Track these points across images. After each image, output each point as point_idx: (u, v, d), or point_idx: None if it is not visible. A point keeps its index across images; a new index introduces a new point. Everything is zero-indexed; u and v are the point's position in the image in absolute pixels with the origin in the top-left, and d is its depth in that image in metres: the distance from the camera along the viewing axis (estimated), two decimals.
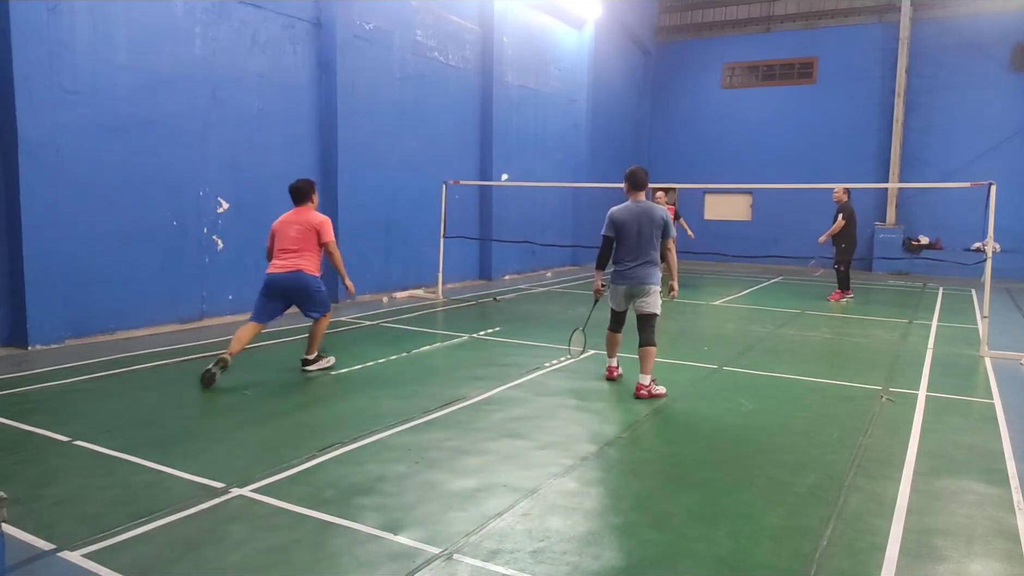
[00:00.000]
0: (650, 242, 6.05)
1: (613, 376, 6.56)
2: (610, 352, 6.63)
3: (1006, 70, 17.17)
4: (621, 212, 6.11)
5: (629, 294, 6.18)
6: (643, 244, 6.04)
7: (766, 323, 10.10)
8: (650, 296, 6.08)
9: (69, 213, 7.63)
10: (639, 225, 6.01)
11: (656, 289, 6.11)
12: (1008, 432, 5.32)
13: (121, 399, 5.79)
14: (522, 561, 3.27)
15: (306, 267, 6.51)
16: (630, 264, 6.08)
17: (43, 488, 3.99)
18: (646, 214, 6.04)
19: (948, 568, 3.32)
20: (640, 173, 6.17)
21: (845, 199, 12.37)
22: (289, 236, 6.53)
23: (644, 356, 6.04)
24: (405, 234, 12.43)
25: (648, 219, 6.03)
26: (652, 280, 6.09)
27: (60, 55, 7.46)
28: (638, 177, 6.14)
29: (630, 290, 6.14)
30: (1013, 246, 16.16)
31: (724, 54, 20.63)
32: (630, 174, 6.16)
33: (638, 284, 6.08)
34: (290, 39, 10.13)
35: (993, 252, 8.26)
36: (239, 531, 3.52)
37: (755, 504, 3.97)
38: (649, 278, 6.08)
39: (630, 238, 6.05)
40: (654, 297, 6.10)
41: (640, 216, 6.03)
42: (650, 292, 6.08)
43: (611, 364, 6.62)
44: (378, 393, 6.08)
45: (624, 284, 6.16)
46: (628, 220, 6.04)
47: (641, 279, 6.06)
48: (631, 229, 6.03)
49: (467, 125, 14.03)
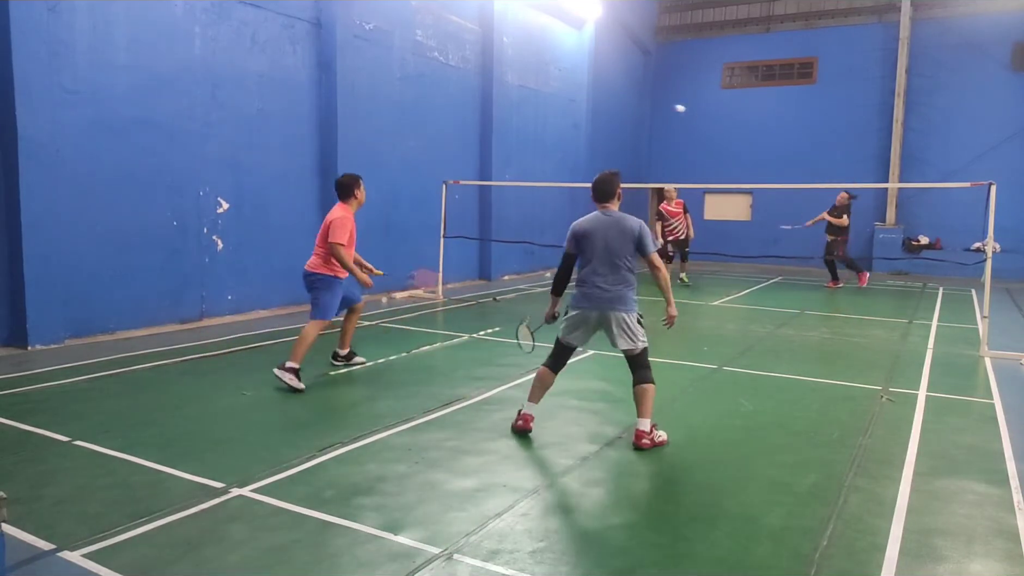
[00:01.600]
0: (622, 260, 4.93)
1: (528, 427, 5.10)
2: (533, 394, 5.18)
3: (1006, 70, 17.16)
4: (586, 224, 5.05)
5: (597, 323, 4.98)
6: (614, 262, 4.92)
7: (766, 323, 10.10)
8: (628, 328, 4.90)
9: (69, 213, 7.63)
10: (607, 240, 4.93)
11: (634, 318, 4.94)
12: (1008, 432, 5.32)
13: (121, 399, 5.79)
14: (522, 561, 3.27)
15: (313, 264, 6.39)
16: (599, 286, 4.93)
17: (43, 488, 3.99)
18: (616, 226, 4.95)
19: (948, 568, 3.32)
20: (607, 180, 5.10)
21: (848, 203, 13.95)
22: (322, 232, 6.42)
23: (641, 397, 4.92)
24: (405, 234, 12.43)
25: (618, 232, 4.92)
26: (627, 307, 4.92)
27: (60, 55, 7.46)
28: (605, 185, 5.08)
29: (600, 318, 4.94)
30: (1013, 246, 16.14)
31: (724, 54, 20.62)
32: (596, 182, 5.12)
33: (609, 310, 4.90)
34: (290, 39, 10.13)
35: (993, 252, 8.26)
36: (239, 531, 3.52)
37: (755, 504, 3.97)
38: (623, 304, 4.91)
39: (596, 254, 4.96)
40: (634, 329, 4.91)
41: (609, 229, 4.94)
42: (626, 323, 4.89)
43: (527, 411, 5.15)
44: (378, 393, 6.08)
45: (591, 310, 4.95)
46: (594, 233, 4.97)
47: (612, 304, 4.90)
48: (597, 244, 4.95)
49: (467, 125, 14.03)
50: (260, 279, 9.86)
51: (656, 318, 5.41)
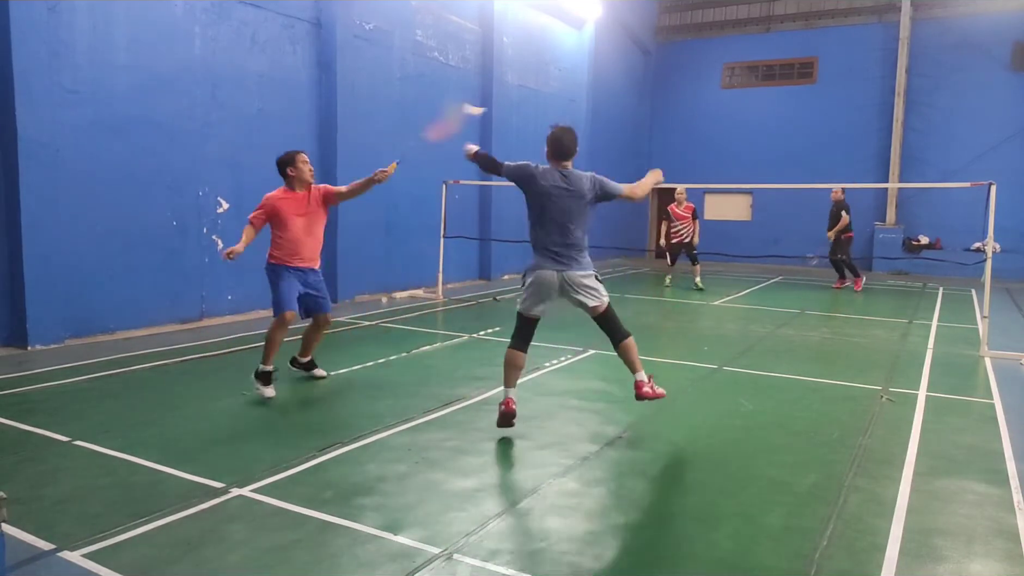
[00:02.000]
0: (582, 220, 4.78)
1: (512, 408, 4.91)
2: (509, 378, 4.96)
3: (1006, 70, 17.16)
4: (544, 174, 4.78)
5: (560, 288, 4.80)
6: (568, 224, 4.74)
7: (766, 323, 10.10)
8: (591, 287, 4.81)
9: (69, 213, 7.63)
10: (569, 199, 4.73)
11: (595, 276, 4.87)
12: (1008, 432, 5.32)
13: (121, 399, 5.79)
14: (522, 561, 3.27)
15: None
16: (555, 250, 4.76)
17: (43, 488, 3.99)
18: (575, 185, 4.75)
19: (948, 568, 3.32)
20: (567, 137, 4.83)
21: (843, 197, 13.80)
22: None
23: (626, 352, 4.93)
24: (405, 234, 12.43)
25: (578, 192, 4.75)
26: (585, 267, 4.82)
27: (60, 55, 7.46)
28: (564, 142, 4.81)
29: (563, 281, 4.75)
30: (1013, 246, 16.14)
31: (724, 54, 20.62)
32: (555, 138, 4.83)
33: (569, 271, 4.75)
34: (290, 39, 10.13)
35: (993, 252, 8.26)
36: (239, 531, 3.51)
37: (755, 504, 3.97)
38: (581, 265, 4.80)
39: (556, 212, 4.72)
40: (596, 286, 4.84)
41: (569, 187, 4.75)
42: (585, 284, 4.78)
43: (509, 395, 4.94)
44: (378, 393, 6.08)
45: (554, 270, 4.74)
46: (552, 188, 4.73)
47: (571, 266, 4.75)
48: (557, 200, 4.72)
49: (467, 125, 13.95)
50: (260, 279, 9.76)
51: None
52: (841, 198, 13.73)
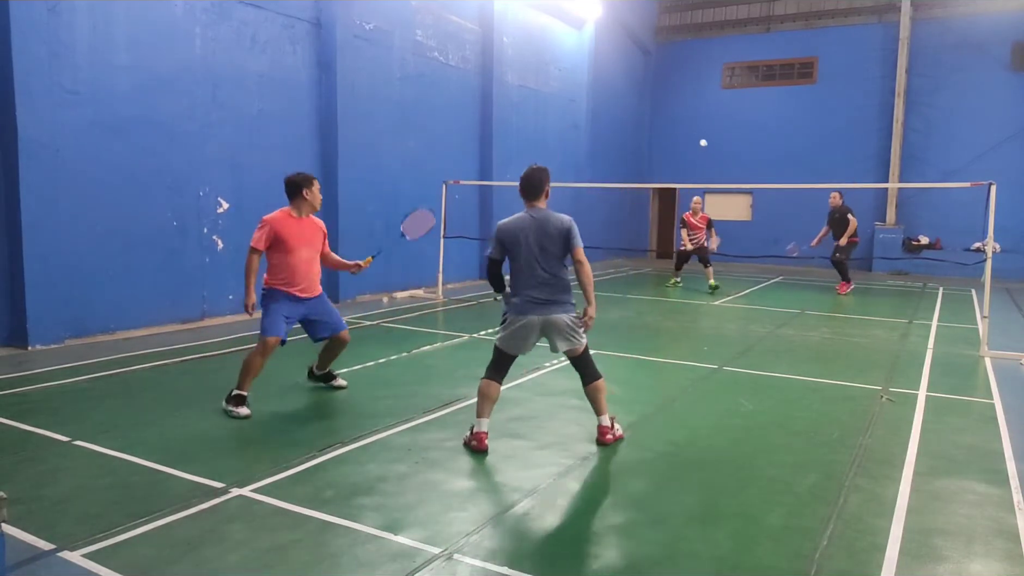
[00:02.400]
0: (557, 260, 4.72)
1: (483, 446, 4.72)
2: (482, 410, 4.79)
3: (1006, 70, 17.16)
4: (511, 225, 4.76)
5: (540, 330, 4.75)
6: (549, 263, 4.69)
7: (766, 323, 10.10)
8: (570, 330, 4.74)
9: (69, 213, 7.63)
10: (537, 241, 4.67)
11: (574, 318, 4.77)
12: (1008, 432, 5.32)
13: (121, 399, 5.79)
14: (522, 561, 3.27)
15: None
16: (534, 293, 4.70)
17: (43, 488, 3.99)
18: (544, 227, 4.69)
19: (948, 568, 3.32)
20: (535, 176, 4.80)
21: (842, 201, 13.49)
22: None
23: (595, 395, 4.90)
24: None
25: (544, 233, 4.67)
26: (566, 309, 4.75)
27: (60, 55, 7.46)
28: (533, 182, 4.78)
29: (545, 324, 4.71)
30: (1013, 246, 16.15)
31: (724, 54, 20.62)
32: (524, 178, 4.83)
33: (550, 314, 4.69)
34: (290, 39, 10.13)
35: (993, 252, 8.26)
36: (239, 531, 3.52)
37: (755, 504, 3.97)
38: (562, 307, 4.73)
39: (527, 258, 4.69)
40: (576, 329, 4.77)
41: (538, 229, 4.68)
42: (568, 326, 4.73)
43: (481, 430, 4.76)
44: (378, 393, 6.08)
45: (534, 315, 4.69)
46: (521, 235, 4.70)
47: (552, 308, 4.70)
48: (528, 246, 4.68)
49: (467, 125, 14.03)
50: (260, 279, 9.84)
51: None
52: (840, 203, 13.41)
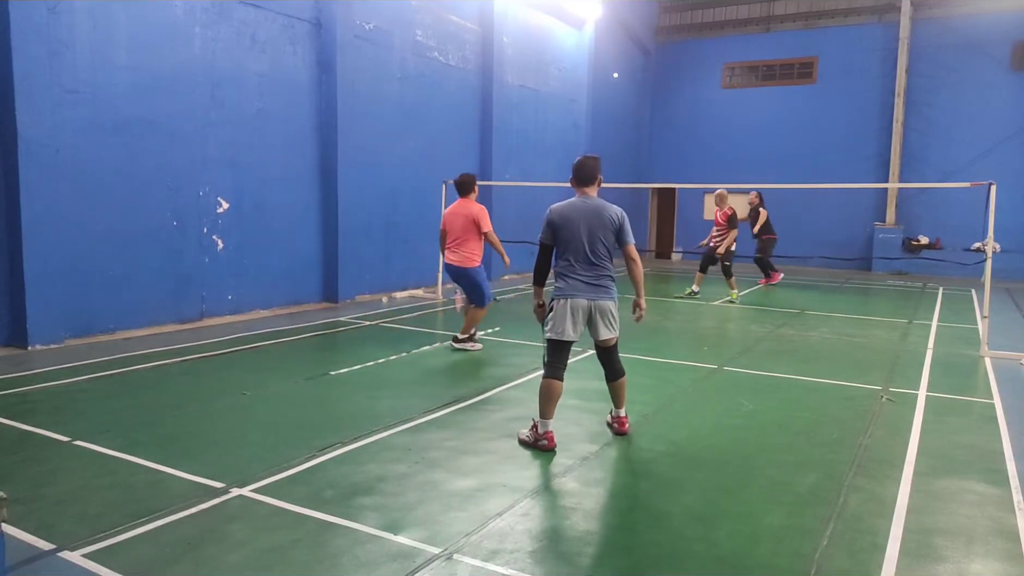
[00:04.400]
0: (604, 248, 4.80)
1: (554, 444, 4.79)
2: (548, 410, 4.81)
3: (1006, 70, 17.16)
4: (564, 208, 4.85)
5: (588, 314, 4.78)
6: (596, 250, 4.77)
7: (766, 323, 10.10)
8: (612, 318, 4.84)
9: (69, 213, 7.63)
10: (589, 227, 4.76)
11: (616, 308, 4.89)
12: (1008, 432, 5.32)
13: (121, 399, 5.79)
14: (522, 561, 3.27)
15: (470, 258, 7.61)
16: (581, 277, 4.78)
17: (43, 488, 3.99)
18: (597, 214, 4.79)
19: (948, 568, 3.32)
20: (588, 164, 4.93)
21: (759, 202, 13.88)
22: (456, 227, 7.61)
23: (619, 389, 5.07)
24: (405, 234, 12.43)
25: (599, 220, 4.77)
26: (612, 296, 4.85)
27: (60, 55, 7.46)
28: (585, 169, 4.91)
29: (593, 308, 4.76)
30: (1013, 246, 16.16)
31: (724, 54, 20.62)
32: (577, 165, 4.95)
33: (596, 299, 4.77)
34: (290, 39, 10.13)
35: (993, 252, 8.26)
36: (239, 531, 3.52)
37: (755, 504, 3.97)
38: (608, 293, 4.83)
39: (576, 243, 4.77)
40: (617, 317, 4.88)
41: (591, 215, 4.78)
42: (611, 313, 4.82)
43: (549, 429, 4.81)
44: (378, 393, 6.08)
45: (583, 298, 4.75)
46: (573, 219, 4.79)
47: (599, 294, 4.78)
48: (580, 230, 4.76)
49: (467, 125, 14.03)
50: (260, 279, 9.86)
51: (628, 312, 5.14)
52: (757, 203, 13.86)
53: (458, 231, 7.59)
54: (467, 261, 7.61)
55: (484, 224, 7.60)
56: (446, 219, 7.75)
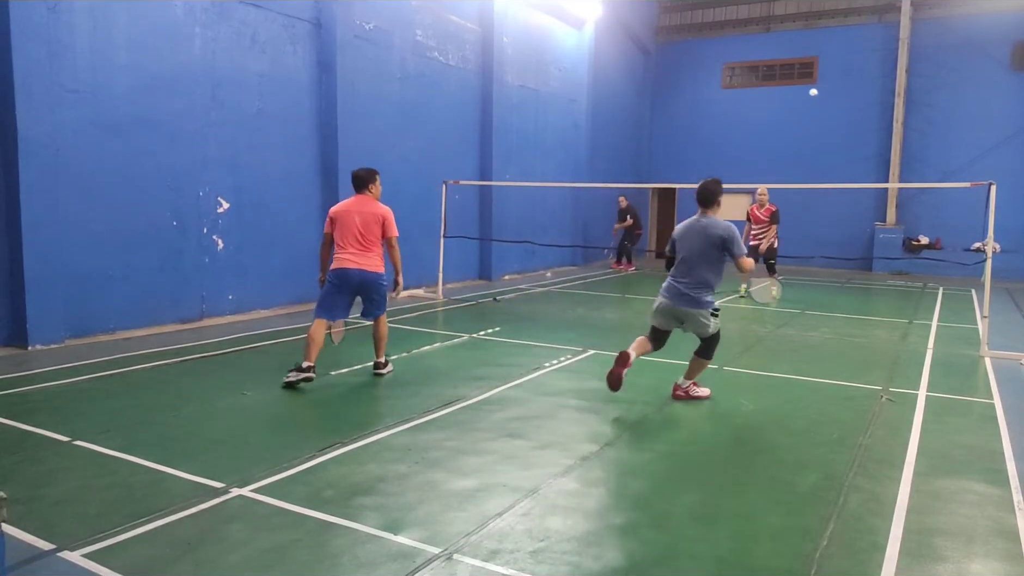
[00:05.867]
0: (704, 261, 5.61)
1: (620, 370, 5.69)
2: (636, 345, 5.88)
3: (1006, 70, 17.16)
4: (683, 227, 5.84)
5: (668, 314, 5.77)
6: (696, 264, 5.63)
7: (766, 323, 10.10)
8: (698, 322, 5.69)
9: (69, 213, 7.63)
10: (699, 244, 5.61)
11: (705, 314, 5.65)
12: (1008, 432, 5.32)
13: (121, 399, 5.79)
14: (522, 561, 3.27)
15: (379, 264, 6.42)
16: (678, 283, 5.70)
17: (43, 488, 3.99)
18: (704, 232, 5.63)
19: (948, 568, 3.32)
20: (710, 187, 5.75)
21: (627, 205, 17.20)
22: (354, 227, 6.34)
23: (694, 364, 5.94)
24: (405, 234, 12.30)
25: (705, 237, 5.61)
26: (699, 305, 5.64)
27: (60, 55, 7.46)
28: (706, 192, 5.74)
29: (669, 310, 5.75)
30: (1013, 246, 16.16)
31: (724, 54, 20.62)
32: (698, 188, 5.78)
33: (682, 306, 5.66)
34: (290, 39, 10.13)
35: (993, 252, 8.26)
36: (239, 531, 3.52)
37: (755, 504, 3.97)
38: (696, 303, 5.63)
39: (684, 255, 5.71)
40: (705, 322, 5.68)
41: (701, 233, 5.64)
42: (697, 319, 5.68)
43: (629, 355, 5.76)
44: (378, 393, 6.08)
45: (663, 300, 5.79)
46: (688, 235, 5.73)
47: (685, 301, 5.65)
48: (686, 246, 5.69)
49: (467, 125, 14.03)
50: (260, 279, 9.86)
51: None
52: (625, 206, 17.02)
53: (359, 232, 6.32)
54: (378, 267, 6.42)
55: (393, 229, 6.54)
56: (339, 217, 6.40)
